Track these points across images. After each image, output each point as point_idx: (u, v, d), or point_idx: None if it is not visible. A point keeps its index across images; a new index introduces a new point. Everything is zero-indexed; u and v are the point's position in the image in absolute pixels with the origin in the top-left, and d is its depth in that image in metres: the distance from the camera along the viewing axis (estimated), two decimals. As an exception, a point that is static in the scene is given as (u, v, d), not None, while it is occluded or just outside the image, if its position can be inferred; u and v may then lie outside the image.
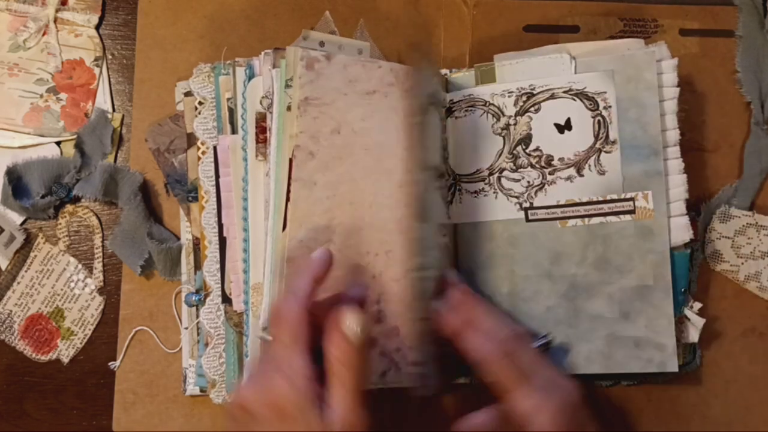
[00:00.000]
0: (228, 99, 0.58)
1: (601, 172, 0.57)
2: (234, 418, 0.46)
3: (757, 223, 0.62)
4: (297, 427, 0.43)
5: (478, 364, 0.51)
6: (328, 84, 0.54)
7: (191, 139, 0.60)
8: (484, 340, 0.51)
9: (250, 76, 0.56)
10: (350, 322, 0.45)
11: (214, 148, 0.59)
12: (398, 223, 0.55)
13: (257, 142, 0.56)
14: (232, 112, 0.58)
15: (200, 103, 0.59)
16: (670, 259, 0.56)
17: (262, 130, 0.55)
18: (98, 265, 0.63)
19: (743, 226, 0.62)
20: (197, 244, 0.60)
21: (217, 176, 0.58)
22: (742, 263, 0.62)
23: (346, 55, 0.56)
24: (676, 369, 0.56)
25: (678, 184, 0.57)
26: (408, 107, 0.55)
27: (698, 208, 0.63)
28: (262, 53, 0.57)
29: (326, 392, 0.44)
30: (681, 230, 0.57)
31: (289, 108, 0.54)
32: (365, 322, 0.45)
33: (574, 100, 0.57)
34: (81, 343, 0.62)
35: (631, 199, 0.56)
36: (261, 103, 0.56)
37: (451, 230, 0.58)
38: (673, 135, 0.57)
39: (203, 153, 0.59)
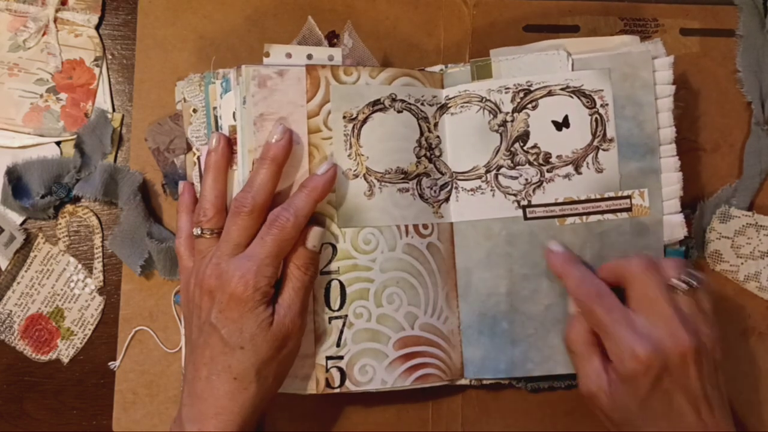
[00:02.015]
0: (214, 108, 0.58)
1: (599, 170, 0.57)
2: (190, 299, 0.53)
3: (756, 223, 0.62)
4: (248, 314, 0.50)
5: (574, 301, 0.54)
6: (283, 98, 0.55)
7: (189, 144, 0.60)
8: (583, 277, 0.53)
9: (226, 90, 0.56)
10: (312, 238, 0.53)
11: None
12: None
13: (232, 153, 0.56)
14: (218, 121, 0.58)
15: (194, 110, 0.59)
16: (664, 255, 0.56)
17: (234, 142, 0.56)
18: (98, 265, 0.63)
19: (743, 226, 0.62)
20: (197, 244, 0.60)
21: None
22: (742, 263, 0.62)
23: (317, 62, 0.56)
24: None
25: (673, 182, 0.57)
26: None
27: (695, 206, 0.63)
28: (234, 68, 0.56)
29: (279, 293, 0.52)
30: (675, 228, 0.57)
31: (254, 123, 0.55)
32: (323, 235, 0.54)
33: (571, 97, 0.57)
34: (81, 343, 0.62)
35: (628, 197, 0.57)
36: (233, 116, 0.56)
37: (444, 229, 0.58)
38: (669, 133, 0.57)
39: (198, 159, 0.59)
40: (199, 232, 0.54)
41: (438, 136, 0.58)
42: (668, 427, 0.50)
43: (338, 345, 0.55)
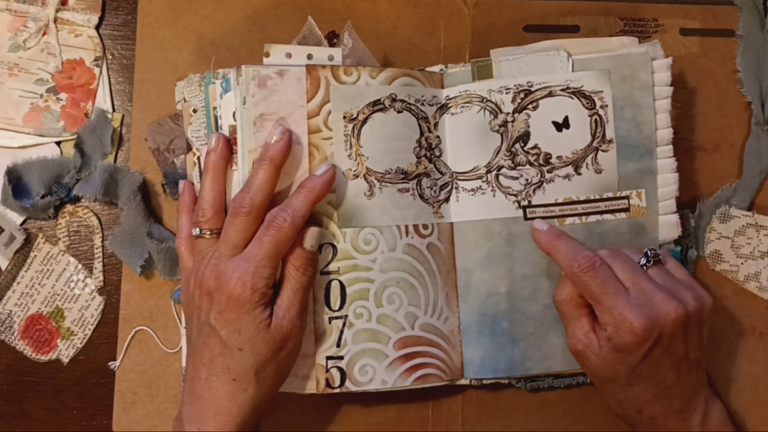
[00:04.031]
0: (214, 108, 0.58)
1: (598, 171, 0.57)
2: (190, 299, 0.53)
3: (756, 223, 0.62)
4: (246, 315, 0.50)
5: (567, 274, 0.54)
6: (283, 99, 0.55)
7: (189, 144, 0.60)
8: (574, 250, 0.54)
9: (226, 90, 0.56)
10: (309, 238, 0.53)
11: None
12: None
13: (231, 153, 0.56)
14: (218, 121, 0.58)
15: (194, 110, 0.59)
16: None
17: (234, 142, 0.56)
18: (98, 265, 0.63)
19: (743, 226, 0.62)
20: (196, 244, 0.60)
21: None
22: (742, 263, 0.62)
23: (317, 62, 0.56)
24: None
25: (669, 183, 0.57)
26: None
27: (695, 206, 0.63)
28: (234, 68, 0.56)
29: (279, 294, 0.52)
30: (671, 227, 0.57)
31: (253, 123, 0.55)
32: (320, 235, 0.54)
33: (571, 98, 0.57)
34: (81, 343, 0.62)
35: (626, 197, 0.57)
36: (233, 116, 0.56)
37: (444, 229, 0.58)
38: (666, 134, 0.57)
39: (198, 159, 0.59)
40: (198, 233, 0.54)
41: (438, 136, 0.58)
42: (650, 387, 0.53)
43: (338, 345, 0.55)
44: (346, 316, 0.56)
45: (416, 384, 0.56)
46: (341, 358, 0.55)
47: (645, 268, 0.54)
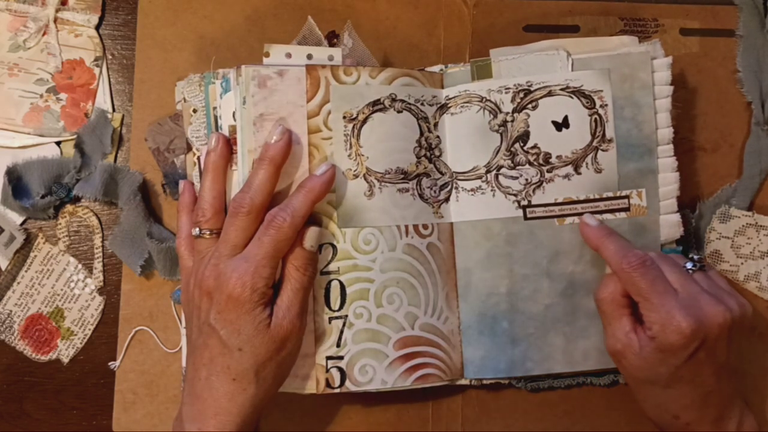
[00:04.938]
0: (214, 108, 0.58)
1: (598, 170, 0.57)
2: (190, 299, 0.53)
3: (756, 223, 0.62)
4: (245, 315, 0.50)
5: (616, 271, 0.54)
6: (282, 98, 0.55)
7: (189, 144, 0.60)
8: (624, 248, 0.54)
9: (226, 90, 0.56)
10: (309, 238, 0.53)
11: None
12: None
13: (231, 153, 0.56)
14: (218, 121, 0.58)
15: (194, 110, 0.59)
16: (661, 254, 0.57)
17: (234, 142, 0.56)
18: (98, 265, 0.63)
19: (743, 226, 0.62)
20: (196, 244, 0.60)
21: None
22: (742, 263, 0.62)
23: (317, 62, 0.56)
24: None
25: (670, 182, 0.57)
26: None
27: (695, 206, 0.63)
28: (234, 68, 0.56)
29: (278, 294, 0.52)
30: (672, 227, 0.57)
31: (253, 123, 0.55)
32: (319, 235, 0.54)
33: (571, 97, 0.57)
34: (81, 343, 0.62)
35: (626, 197, 0.57)
36: (233, 116, 0.56)
37: (444, 229, 0.58)
38: (667, 133, 0.57)
39: (198, 159, 0.59)
40: (198, 233, 0.54)
41: (438, 136, 0.58)
42: (690, 392, 0.52)
43: (338, 345, 0.55)
44: (346, 316, 0.56)
45: (416, 384, 0.56)
46: (341, 358, 0.55)
47: (690, 273, 0.54)
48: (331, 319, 0.55)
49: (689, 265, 0.54)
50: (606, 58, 0.57)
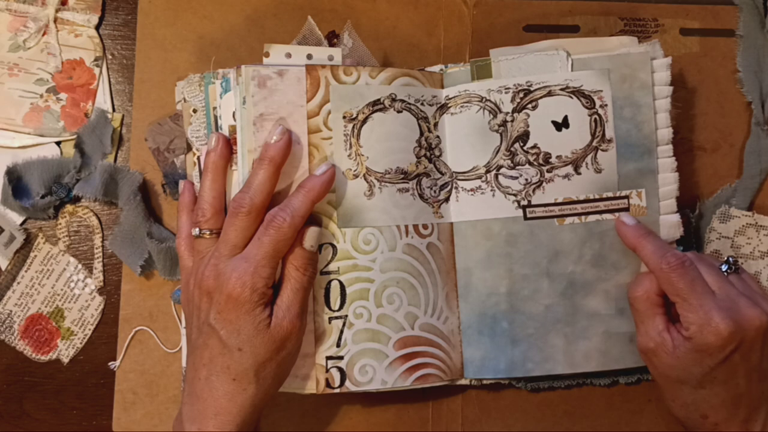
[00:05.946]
0: (214, 108, 0.58)
1: (598, 170, 0.57)
2: (190, 299, 0.53)
3: (756, 223, 0.62)
4: (245, 315, 0.50)
5: (654, 271, 0.54)
6: (282, 98, 0.55)
7: (189, 144, 0.60)
8: (662, 248, 0.54)
9: (226, 90, 0.56)
10: (308, 238, 0.53)
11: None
12: None
13: (231, 153, 0.56)
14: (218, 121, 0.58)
15: (194, 110, 0.59)
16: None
17: (234, 142, 0.56)
18: (98, 265, 0.63)
19: (743, 226, 0.62)
20: (196, 244, 0.60)
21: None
22: (742, 263, 0.62)
23: (317, 62, 0.56)
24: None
25: (669, 182, 0.57)
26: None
27: (695, 206, 0.63)
28: (234, 68, 0.56)
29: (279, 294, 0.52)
30: (672, 227, 0.57)
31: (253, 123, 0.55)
32: (319, 235, 0.54)
33: (570, 97, 0.57)
34: (81, 343, 0.62)
35: (626, 197, 0.57)
36: (233, 116, 0.56)
37: (444, 229, 0.58)
38: (666, 133, 0.57)
39: (198, 159, 0.59)
40: (198, 233, 0.54)
41: (438, 136, 0.58)
42: (721, 393, 0.52)
43: (338, 345, 0.55)
44: (346, 316, 0.56)
45: (416, 384, 0.56)
46: (341, 358, 0.55)
47: (726, 274, 0.54)
48: (331, 319, 0.55)
49: (725, 267, 0.54)
50: (606, 59, 0.57)
